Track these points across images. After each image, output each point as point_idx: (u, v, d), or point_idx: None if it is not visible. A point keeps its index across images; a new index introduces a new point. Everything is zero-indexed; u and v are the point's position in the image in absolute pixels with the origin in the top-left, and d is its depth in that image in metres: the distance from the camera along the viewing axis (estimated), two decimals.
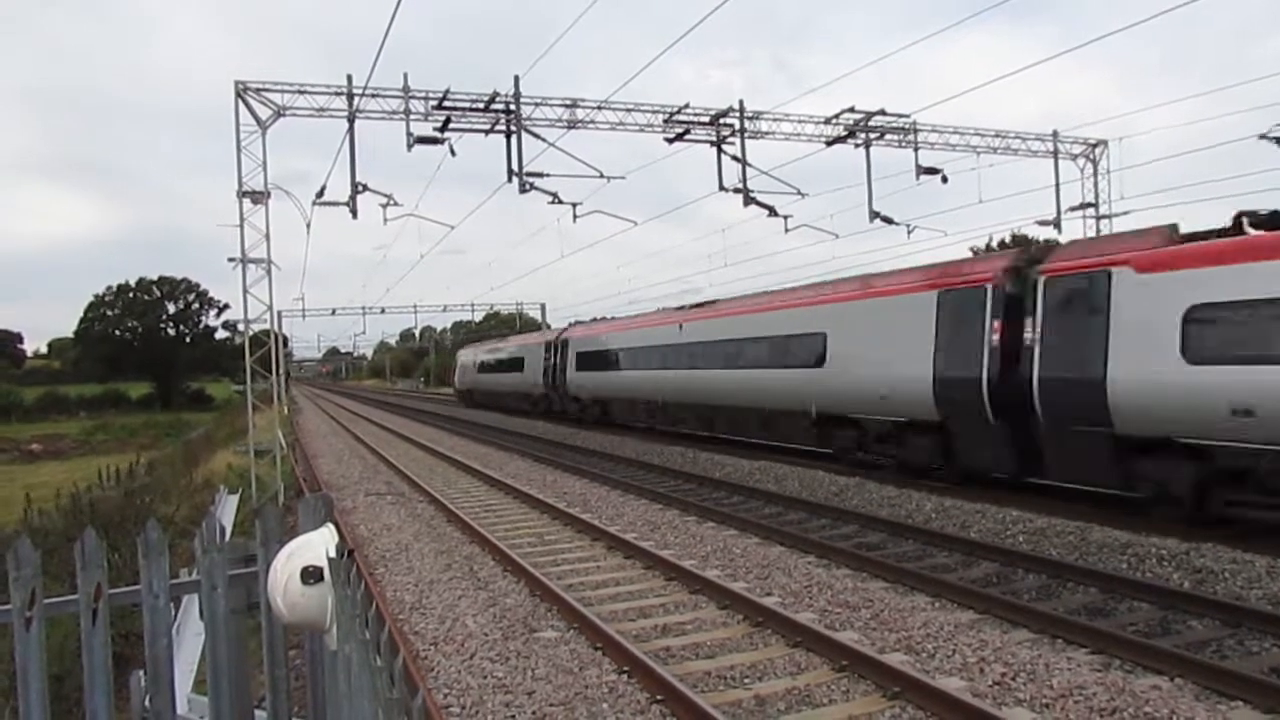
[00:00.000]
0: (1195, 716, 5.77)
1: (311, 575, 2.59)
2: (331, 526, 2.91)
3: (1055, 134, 25.08)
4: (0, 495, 27.78)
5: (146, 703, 3.20)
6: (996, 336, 13.54)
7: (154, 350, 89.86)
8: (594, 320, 37.22)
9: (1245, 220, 11.07)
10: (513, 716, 6.45)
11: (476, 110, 20.21)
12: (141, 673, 3.27)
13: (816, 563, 10.88)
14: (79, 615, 3.04)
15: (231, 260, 19.91)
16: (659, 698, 6.58)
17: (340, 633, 2.40)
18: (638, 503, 15.90)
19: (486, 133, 20.44)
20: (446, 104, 19.91)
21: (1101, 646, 7.35)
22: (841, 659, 7.18)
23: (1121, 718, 5.85)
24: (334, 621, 2.55)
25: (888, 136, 23.12)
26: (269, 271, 20.21)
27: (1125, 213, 25.94)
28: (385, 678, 1.55)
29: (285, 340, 67.40)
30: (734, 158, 21.91)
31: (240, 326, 23.72)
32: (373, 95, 19.85)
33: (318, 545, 2.72)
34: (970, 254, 17.31)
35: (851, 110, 22.42)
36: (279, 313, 34.41)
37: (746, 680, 7.03)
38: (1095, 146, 25.53)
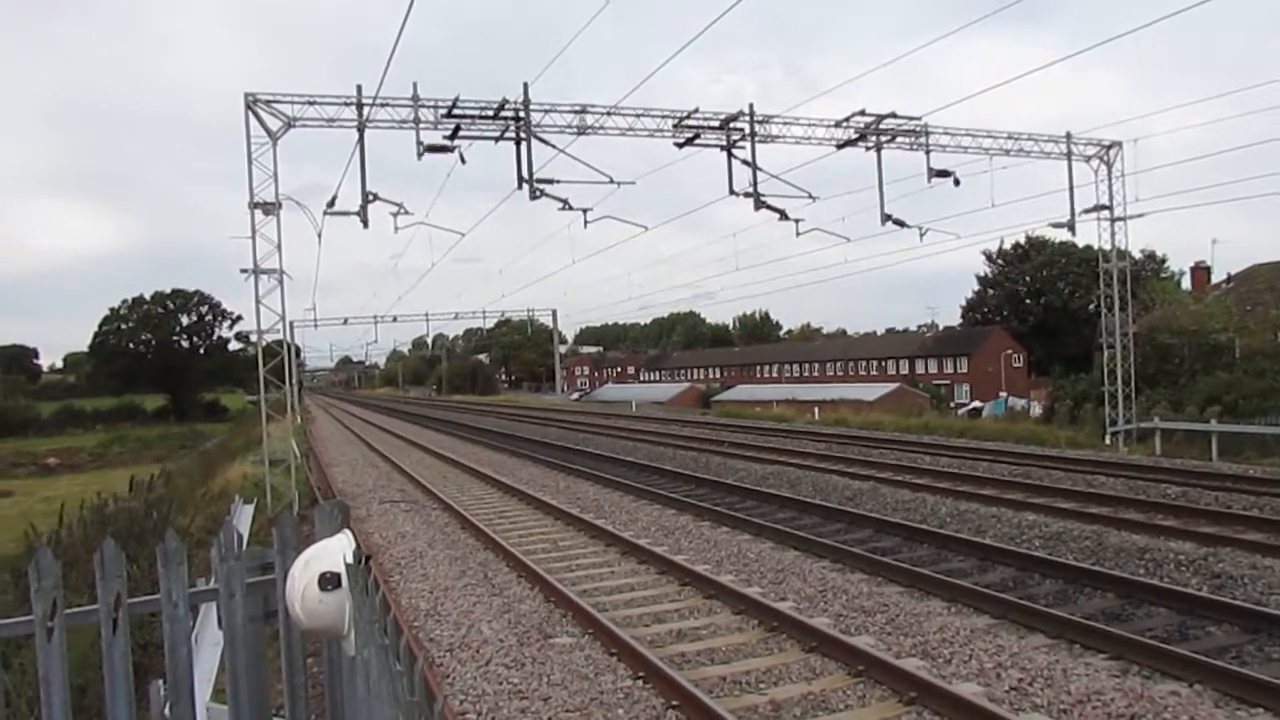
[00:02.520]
0: None
1: (329, 582, 2.61)
2: (348, 533, 2.92)
3: (1069, 136, 24.97)
4: (19, 509, 27.96)
5: (166, 711, 3.21)
6: None
7: (168, 362, 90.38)
8: None
9: None
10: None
11: (486, 118, 20.26)
12: (161, 681, 3.29)
13: (831, 567, 10.85)
14: (100, 625, 3.07)
15: (244, 271, 20.02)
16: (674, 703, 6.57)
17: (359, 638, 2.41)
18: (651, 508, 15.89)
19: (496, 140, 20.49)
20: (456, 112, 19.97)
21: (1119, 652, 7.29)
22: (857, 664, 7.15)
23: None
24: (352, 627, 2.56)
25: (899, 139, 23.05)
26: (281, 282, 20.32)
27: (1140, 215, 25.82)
28: (405, 682, 1.55)
29: (298, 350, 67.67)
30: (744, 162, 21.89)
31: (253, 337, 23.82)
32: (382, 104, 19.92)
33: (335, 552, 2.73)
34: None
35: (862, 113, 22.38)
36: (291, 323, 34.51)
37: (762, 685, 7.01)
38: (1109, 148, 25.38)
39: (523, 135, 20.36)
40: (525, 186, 20.44)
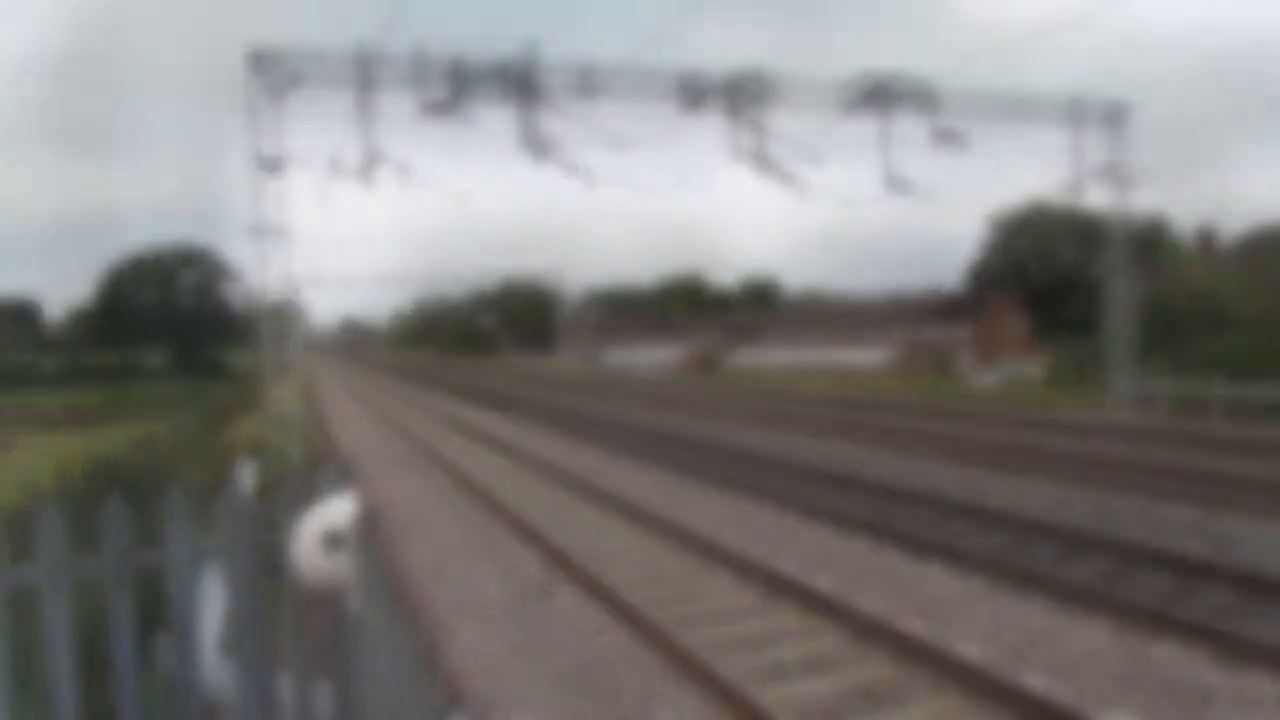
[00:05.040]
0: (1211, 683, 5.78)
1: (333, 540, 2.62)
2: (352, 493, 2.93)
3: (1077, 98, 24.69)
4: (25, 462, 28.10)
5: (173, 666, 3.25)
6: None
7: (172, 319, 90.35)
8: None
9: None
10: (531, 681, 6.52)
11: (491, 77, 20.06)
12: (167, 636, 3.32)
13: (832, 531, 10.90)
14: (106, 580, 3.09)
15: (248, 229, 19.94)
16: (675, 663, 6.63)
17: (363, 595, 2.42)
18: (653, 472, 15.95)
19: (501, 100, 20.31)
20: (461, 71, 19.76)
21: (1117, 614, 7.34)
22: (857, 625, 7.20)
23: (1137, 684, 5.86)
24: (356, 585, 2.58)
25: (906, 101, 22.81)
26: (285, 240, 20.27)
27: (1147, 174, 25.58)
28: (408, 639, 1.56)
29: (301, 309, 67.65)
30: (751, 125, 21.70)
31: (258, 295, 23.79)
32: (387, 63, 19.71)
33: (339, 511, 2.74)
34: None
35: (869, 76, 22.15)
36: (296, 282, 34.53)
37: (762, 646, 7.07)
38: (1119, 110, 25.11)
39: (528, 96, 20.17)
40: (530, 147, 20.29)
